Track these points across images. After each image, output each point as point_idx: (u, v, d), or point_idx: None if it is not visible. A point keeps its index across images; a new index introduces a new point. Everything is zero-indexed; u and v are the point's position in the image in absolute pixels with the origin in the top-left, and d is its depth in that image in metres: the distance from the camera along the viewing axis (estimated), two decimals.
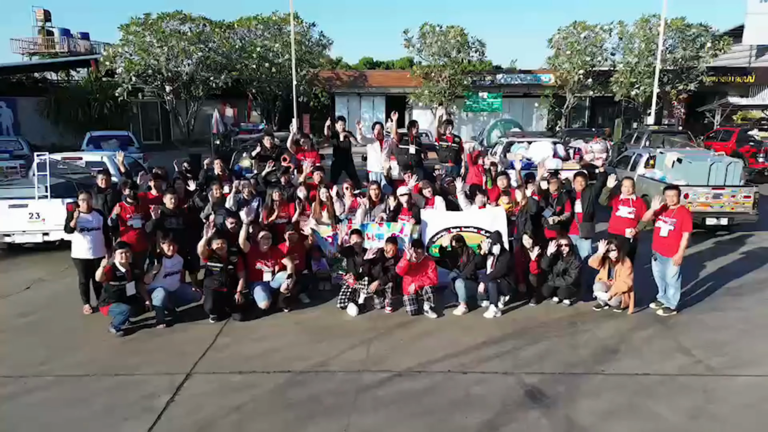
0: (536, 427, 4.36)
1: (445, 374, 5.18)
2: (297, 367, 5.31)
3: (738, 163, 10.74)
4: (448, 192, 7.99)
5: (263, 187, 8.09)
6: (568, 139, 19.15)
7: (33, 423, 4.45)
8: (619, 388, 4.95)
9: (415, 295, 6.63)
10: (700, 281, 8.00)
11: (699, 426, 4.40)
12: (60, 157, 10.07)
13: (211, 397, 4.78)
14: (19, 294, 7.46)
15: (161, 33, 24.50)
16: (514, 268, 6.91)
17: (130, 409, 4.62)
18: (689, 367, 5.37)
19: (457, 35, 26.38)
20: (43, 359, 5.54)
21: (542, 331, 6.19)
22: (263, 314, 6.52)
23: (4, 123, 26.15)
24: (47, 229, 8.47)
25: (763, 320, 6.59)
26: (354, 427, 4.35)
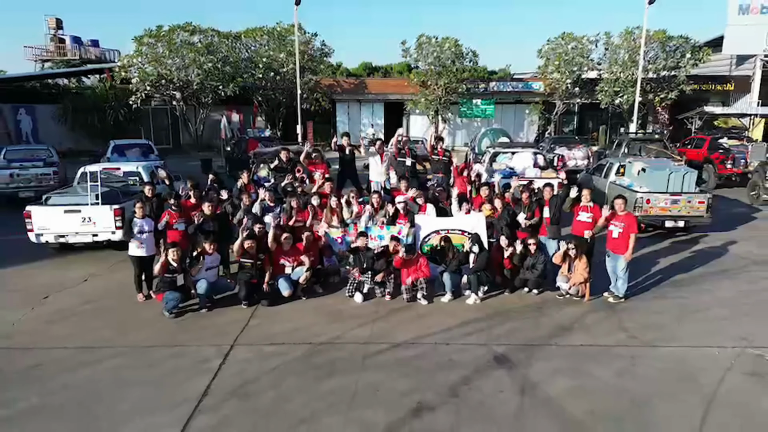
0: (500, 382, 5.77)
1: (432, 345, 6.59)
2: (316, 341, 6.71)
3: (693, 173, 12.16)
4: (438, 200, 9.41)
5: (282, 195, 9.49)
6: (553, 146, 20.59)
7: (114, 381, 5.83)
8: (565, 356, 6.37)
9: (410, 285, 8.03)
10: (651, 274, 9.42)
11: (622, 382, 5.81)
12: (101, 168, 11.42)
13: (252, 362, 6.19)
14: (78, 286, 8.85)
15: (173, 45, 25.87)
16: (491, 263, 8.32)
17: (191, 370, 6.02)
18: (625, 341, 6.79)
19: (452, 46, 27.82)
20: (112, 336, 6.93)
21: (512, 314, 7.61)
22: (286, 301, 7.92)
23: (23, 129, 27.52)
24: (96, 231, 9.84)
25: (696, 307, 7.99)
26: (362, 381, 5.75)
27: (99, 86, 28.41)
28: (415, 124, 32.64)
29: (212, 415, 5.15)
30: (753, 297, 8.34)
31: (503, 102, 31.99)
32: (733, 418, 5.13)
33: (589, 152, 19.09)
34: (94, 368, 6.08)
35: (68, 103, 27.28)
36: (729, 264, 10.11)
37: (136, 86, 25.60)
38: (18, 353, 6.45)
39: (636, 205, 11.89)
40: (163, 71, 25.54)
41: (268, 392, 5.55)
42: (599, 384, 5.75)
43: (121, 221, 9.76)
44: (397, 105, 32.40)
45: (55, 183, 15.63)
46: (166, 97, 27.50)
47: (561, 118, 31.49)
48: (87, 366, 6.13)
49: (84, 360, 6.28)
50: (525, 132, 32.81)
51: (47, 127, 27.86)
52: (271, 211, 8.81)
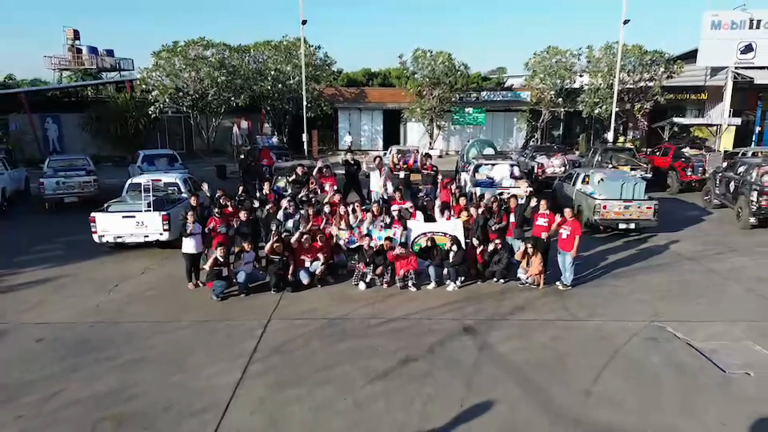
0: (465, 344, 7.92)
1: (417, 320, 8.74)
2: (330, 317, 8.86)
3: (641, 183, 14.33)
4: (426, 208, 11.56)
5: (299, 204, 11.64)
6: (534, 154, 22.73)
7: (188, 343, 7.97)
8: (516, 327, 8.52)
9: (403, 276, 10.17)
10: (598, 268, 11.56)
11: (553, 343, 7.95)
12: (146, 180, 13.52)
13: (286, 331, 8.33)
14: (138, 277, 11.00)
15: (188, 59, 27.97)
16: (467, 259, 10.47)
17: (241, 336, 8.16)
18: (563, 317, 8.95)
19: (445, 60, 29.96)
20: (176, 314, 9.07)
21: (482, 298, 9.76)
22: (305, 288, 10.06)
23: (50, 137, 29.64)
24: (147, 233, 11.97)
25: (624, 292, 10.12)
26: (365, 343, 7.89)
27: (120, 97, 30.48)
28: (411, 131, 34.78)
29: (261, 364, 7.30)
30: (672, 285, 10.51)
31: (494, 110, 34.11)
32: (625, 366, 7.28)
33: (566, 160, 21.19)
34: (170, 335, 8.24)
35: (92, 113, 29.37)
36: (664, 259, 12.28)
37: (156, 98, 27.68)
38: (110, 325, 8.61)
39: (595, 209, 14.07)
40: (180, 84, 27.62)
41: (299, 350, 7.71)
42: (536, 345, 7.91)
43: (168, 225, 11.93)
44: (394, 113, 34.54)
45: (95, 189, 17.78)
46: (181, 107, 29.56)
47: (547, 125, 33.64)
48: (165, 333, 8.29)
49: (160, 330, 8.43)
50: (514, 138, 34.98)
51: (72, 134, 29.98)
52: (291, 218, 10.97)
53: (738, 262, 12.02)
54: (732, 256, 12.51)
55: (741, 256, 12.44)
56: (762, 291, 10.13)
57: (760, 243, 13.65)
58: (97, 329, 8.44)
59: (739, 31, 31.22)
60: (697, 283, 10.63)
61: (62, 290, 10.21)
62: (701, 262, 11.96)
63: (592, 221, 14.12)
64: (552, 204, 15.90)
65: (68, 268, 11.47)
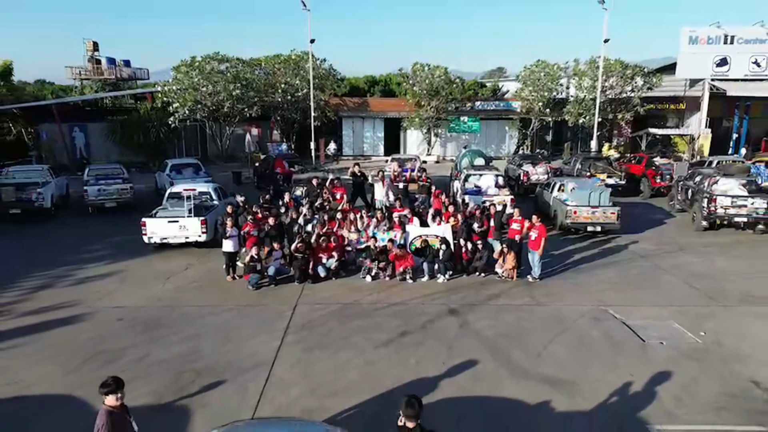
0: (449, 322, 10.10)
1: (413, 305, 10.93)
2: (344, 302, 11.04)
3: (607, 191, 16.50)
4: (421, 214, 13.76)
5: (316, 210, 13.85)
6: (521, 163, 24.89)
7: (233, 322, 10.16)
8: (491, 310, 10.71)
9: (402, 271, 12.35)
10: (564, 264, 13.73)
11: (518, 322, 10.14)
12: (183, 189, 15.68)
13: (309, 313, 10.52)
14: (184, 271, 13.20)
15: (204, 73, 30.14)
16: (454, 257, 12.67)
17: (275, 316, 10.36)
18: (529, 302, 11.13)
19: (442, 74, 32.16)
20: (220, 300, 11.27)
21: (465, 288, 11.95)
22: (322, 280, 12.24)
23: (78, 144, 31.82)
24: (188, 235, 14.16)
25: (582, 284, 12.27)
26: (372, 321, 10.08)
27: (143, 107, 32.66)
28: (410, 138, 36.96)
29: (294, 336, 9.51)
30: (622, 278, 12.71)
31: (487, 118, 36.29)
32: (570, 337, 9.47)
33: (548, 168, 23.35)
34: (219, 316, 10.45)
35: (117, 123, 31.57)
36: (621, 257, 14.47)
37: (176, 109, 29.86)
38: (169, 309, 10.81)
39: (567, 214, 16.26)
40: (199, 97, 29.81)
41: (321, 327, 9.91)
42: (505, 323, 10.11)
43: (205, 228, 14.14)
44: (395, 121, 36.70)
45: (131, 195, 19.98)
46: (199, 118, 31.74)
47: (537, 132, 35.82)
48: (215, 315, 10.50)
49: (211, 312, 10.63)
50: (506, 144, 37.17)
51: (97, 142, 32.17)
52: (310, 222, 13.18)
53: (682, 259, 14.22)
54: (679, 254, 14.71)
55: (687, 255, 14.64)
56: (693, 282, 12.33)
57: (707, 243, 15.84)
58: (162, 311, 10.66)
59: (715, 46, 33.42)
60: (642, 277, 12.83)
61: (125, 282, 12.43)
62: (651, 260, 14.16)
63: (565, 224, 16.33)
64: (535, 207, 18.33)
65: (123, 264, 13.68)
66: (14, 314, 10.53)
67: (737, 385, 7.90)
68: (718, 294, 11.63)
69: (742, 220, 16.52)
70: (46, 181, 19.32)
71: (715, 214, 16.65)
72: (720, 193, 16.70)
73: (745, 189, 16.71)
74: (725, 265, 13.75)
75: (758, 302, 11.17)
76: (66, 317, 10.34)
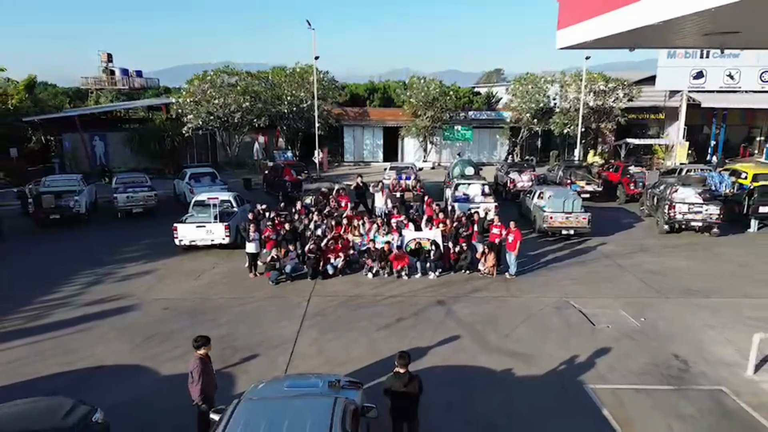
0: (438, 311, 12.19)
1: (407, 297, 13.02)
2: (350, 294, 13.13)
3: (579, 199, 18.59)
4: (416, 221, 15.85)
5: (325, 217, 15.94)
6: (508, 171, 26.97)
7: (259, 311, 12.24)
8: (473, 301, 12.81)
9: (399, 269, 14.44)
10: (538, 263, 15.82)
11: (494, 310, 12.24)
12: (207, 197, 17.74)
13: (321, 303, 12.61)
14: (212, 270, 15.27)
15: (215, 86, 32.23)
16: (443, 257, 14.76)
17: (294, 306, 12.44)
18: (504, 295, 13.23)
19: (437, 87, 34.28)
20: (246, 293, 13.35)
21: (452, 283, 14.04)
22: (331, 277, 14.33)
23: (98, 152, 33.86)
24: (214, 238, 16.23)
25: (551, 280, 14.36)
26: (374, 310, 12.16)
27: (158, 118, 34.73)
28: (407, 145, 39.04)
29: (310, 321, 11.60)
30: (587, 275, 14.80)
31: (480, 127, 38.40)
32: (534, 322, 11.56)
33: (532, 176, 25.43)
34: (247, 306, 12.53)
35: (134, 132, 33.63)
36: (589, 257, 16.57)
37: (190, 120, 31.93)
38: (205, 300, 12.90)
39: (544, 219, 18.35)
40: (211, 108, 31.89)
41: (332, 314, 12.00)
42: (483, 311, 12.20)
43: (228, 232, 16.22)
44: (393, 129, 38.79)
45: (155, 202, 22.05)
46: (210, 127, 33.79)
47: (527, 140, 37.95)
48: (241, 305, 12.58)
49: (238, 303, 12.71)
50: (498, 151, 39.27)
51: (115, 150, 34.20)
52: (320, 227, 15.28)
53: (641, 258, 16.33)
54: (639, 254, 16.82)
55: (645, 255, 16.76)
56: (646, 279, 14.44)
57: (665, 245, 17.95)
58: (199, 302, 12.75)
59: (692, 60, 35.57)
60: (603, 273, 14.94)
61: (163, 279, 14.52)
62: (614, 259, 16.27)
63: (543, 228, 18.42)
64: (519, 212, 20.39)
65: (159, 263, 15.75)
66: (77, 305, 12.62)
67: (661, 358, 10.01)
68: (663, 288, 13.74)
69: (697, 225, 18.63)
70: (81, 189, 21.37)
71: (674, 219, 18.76)
72: (679, 201, 18.82)
73: (700, 197, 18.82)
74: (676, 263, 15.87)
75: (695, 295, 13.29)
76: (121, 307, 12.44)
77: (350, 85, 51.17)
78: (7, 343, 10.62)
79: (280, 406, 5.91)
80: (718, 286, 13.85)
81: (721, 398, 8.67)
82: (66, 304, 12.72)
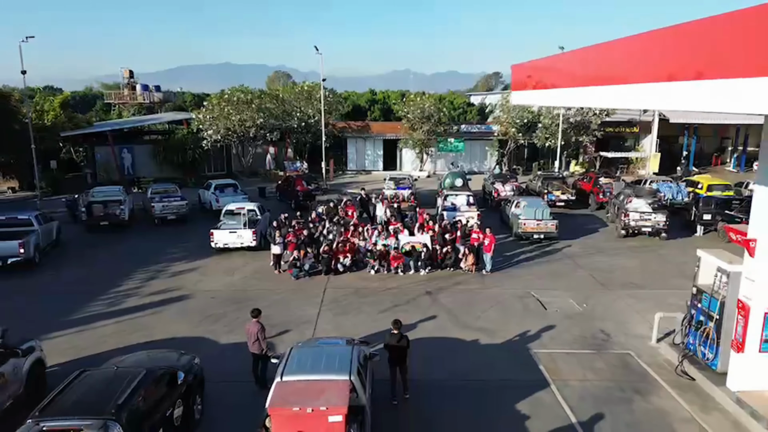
0: (426, 299, 15.41)
1: (402, 288, 16.24)
2: (357, 287, 16.36)
3: (548, 208, 21.83)
4: (410, 227, 19.10)
5: (334, 224, 19.19)
6: (493, 181, 30.19)
7: (284, 300, 15.46)
8: (454, 291, 16.01)
9: (395, 266, 17.65)
10: (512, 263, 19.03)
11: (469, 299, 15.45)
12: (236, 207, 20.97)
13: (334, 293, 15.84)
14: (243, 267, 18.49)
15: (234, 104, 35.52)
16: (432, 257, 17.99)
17: (313, 296, 15.65)
18: (480, 288, 16.46)
19: (432, 103, 37.58)
20: (274, 286, 16.58)
21: (439, 278, 17.27)
22: (341, 273, 17.54)
23: (125, 164, 37.09)
24: (243, 242, 19.46)
25: (520, 276, 17.57)
26: (375, 298, 15.39)
27: (180, 132, 38.02)
28: (405, 155, 42.34)
29: (326, 306, 14.83)
30: (548, 272, 18.02)
31: (471, 139, 41.67)
32: (500, 308, 14.78)
33: (514, 186, 28.64)
34: (276, 296, 15.76)
35: (159, 145, 36.90)
36: (554, 257, 19.78)
37: (210, 135, 35.19)
38: (243, 291, 16.12)
39: (519, 225, 21.58)
40: (229, 124, 35.17)
41: (343, 301, 15.22)
42: (461, 299, 15.42)
43: (255, 236, 19.45)
44: (392, 141, 42.08)
45: (187, 210, 25.27)
46: (228, 141, 37.00)
47: (514, 152, 41.22)
48: (273, 295, 15.79)
49: (270, 293, 15.93)
50: (488, 161, 42.55)
51: (141, 162, 37.42)
52: (331, 232, 18.53)
53: (596, 258, 19.56)
54: (596, 255, 20.04)
55: (601, 255, 19.98)
56: (595, 275, 17.67)
57: (620, 247, 21.19)
58: (238, 293, 15.99)
59: None
60: (562, 271, 18.17)
61: (206, 275, 17.76)
62: (573, 259, 19.51)
63: (518, 233, 21.64)
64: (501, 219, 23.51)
65: (199, 263, 18.99)
66: (143, 294, 15.87)
67: (590, 332, 13.25)
68: (607, 282, 16.99)
69: (648, 230, 21.88)
70: (124, 198, 24.61)
71: (629, 225, 22.01)
72: (632, 210, 22.07)
73: (650, 207, 22.07)
74: (624, 262, 19.10)
75: (632, 287, 16.51)
76: (178, 296, 15.69)
77: (352, 95, 54.38)
78: (100, 322, 13.88)
79: (318, 349, 9.14)
80: (651, 280, 17.09)
81: (626, 359, 11.91)
82: (134, 294, 15.97)
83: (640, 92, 8.84)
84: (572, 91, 9.85)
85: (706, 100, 7.26)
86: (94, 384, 7.65)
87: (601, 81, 9.83)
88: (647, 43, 8.91)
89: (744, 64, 6.42)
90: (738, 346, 9.84)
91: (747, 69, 6.32)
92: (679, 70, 7.86)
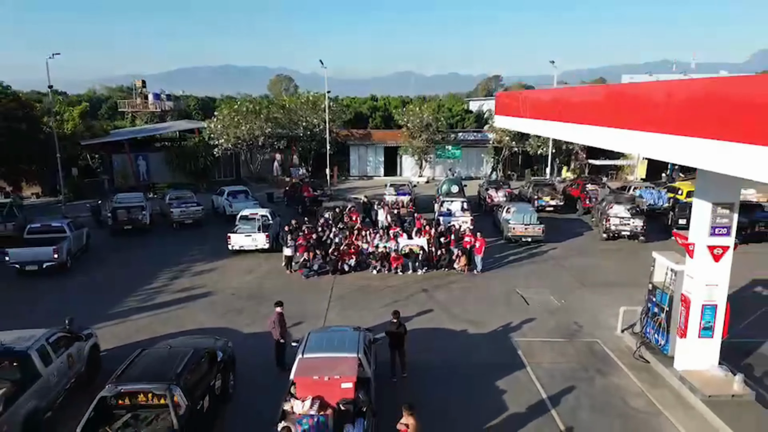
0: (422, 296, 17.27)
1: (401, 286, 18.10)
2: (360, 284, 18.22)
3: (535, 213, 23.69)
4: (409, 231, 20.97)
5: (340, 229, 21.07)
6: (487, 187, 32.06)
7: (300, 296, 17.33)
8: (449, 288, 17.87)
9: (395, 267, 19.50)
10: (501, 263, 20.88)
11: (462, 294, 17.31)
12: (250, 212, 22.83)
13: (341, 290, 17.69)
14: (258, 268, 20.35)
15: (241, 113, 37.45)
16: (429, 258, 19.85)
17: (322, 291, 17.52)
18: (472, 285, 18.31)
19: (431, 113, 39.49)
20: (287, 285, 18.44)
21: (434, 278, 19.11)
22: (347, 273, 19.39)
23: (141, 170, 39.02)
24: (257, 245, 21.35)
25: (508, 276, 19.43)
26: (377, 294, 17.26)
27: (191, 140, 39.97)
28: (405, 162, 44.25)
29: (334, 302, 16.69)
30: (533, 271, 19.87)
31: (468, 146, 43.57)
32: (488, 301, 16.62)
33: (507, 193, 30.51)
34: (291, 293, 17.60)
35: (173, 152, 38.85)
36: (539, 259, 21.63)
37: (221, 144, 37.12)
38: (260, 288, 17.99)
39: (509, 229, 23.44)
40: (238, 133, 37.10)
41: (349, 297, 17.09)
42: (453, 295, 17.28)
43: (268, 240, 21.32)
44: (393, 148, 43.99)
45: (202, 215, 27.15)
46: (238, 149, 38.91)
47: (509, 158, 43.11)
48: (286, 292, 17.60)
49: (285, 290, 17.75)
50: (483, 168, 44.45)
51: (155, 168, 39.36)
52: (338, 236, 20.42)
53: (578, 259, 21.41)
54: (577, 256, 21.89)
55: (582, 257, 21.84)
56: (575, 274, 19.51)
57: (600, 249, 23.04)
58: (255, 290, 17.87)
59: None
60: (545, 270, 20.02)
61: (225, 274, 19.64)
62: (557, 260, 21.36)
63: (508, 236, 23.50)
64: (493, 224, 25.32)
65: (217, 263, 20.87)
66: (170, 291, 17.76)
67: (565, 323, 15.10)
68: (585, 280, 18.84)
69: (626, 234, 23.73)
70: (146, 204, 26.50)
71: (609, 229, 23.86)
72: (612, 215, 23.93)
73: (629, 212, 23.93)
74: (602, 263, 20.96)
75: (608, 285, 18.34)
76: (202, 293, 17.58)
77: (354, 101, 56.36)
78: (135, 316, 15.77)
79: (331, 334, 11.01)
80: (625, 279, 18.91)
81: (593, 346, 13.76)
82: (162, 291, 17.86)
83: (609, 135, 10.18)
84: (545, 124, 11.69)
85: (672, 152, 8.11)
86: (154, 359, 9.52)
87: (568, 120, 11.65)
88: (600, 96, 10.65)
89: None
90: (681, 332, 11.69)
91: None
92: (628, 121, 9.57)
